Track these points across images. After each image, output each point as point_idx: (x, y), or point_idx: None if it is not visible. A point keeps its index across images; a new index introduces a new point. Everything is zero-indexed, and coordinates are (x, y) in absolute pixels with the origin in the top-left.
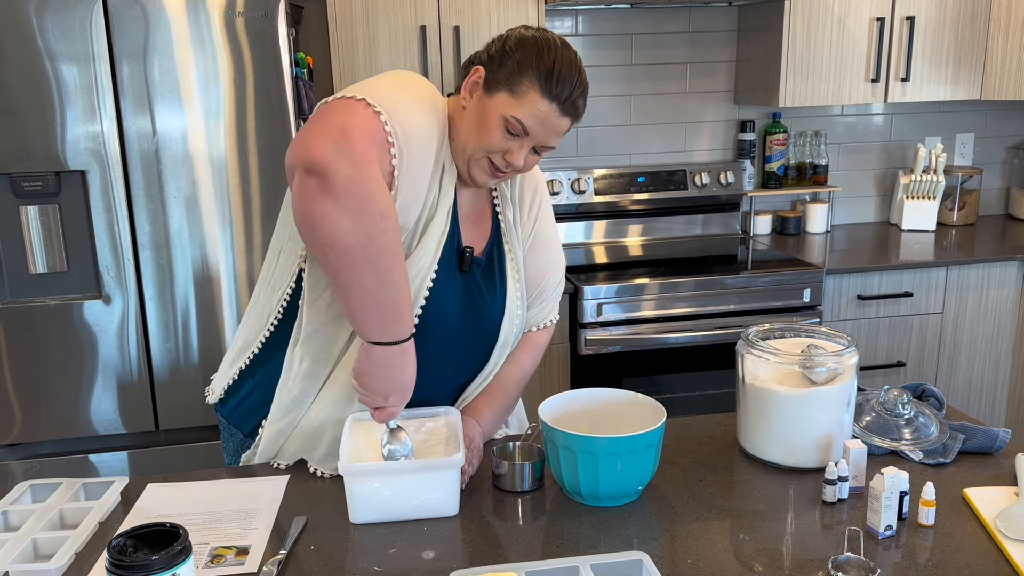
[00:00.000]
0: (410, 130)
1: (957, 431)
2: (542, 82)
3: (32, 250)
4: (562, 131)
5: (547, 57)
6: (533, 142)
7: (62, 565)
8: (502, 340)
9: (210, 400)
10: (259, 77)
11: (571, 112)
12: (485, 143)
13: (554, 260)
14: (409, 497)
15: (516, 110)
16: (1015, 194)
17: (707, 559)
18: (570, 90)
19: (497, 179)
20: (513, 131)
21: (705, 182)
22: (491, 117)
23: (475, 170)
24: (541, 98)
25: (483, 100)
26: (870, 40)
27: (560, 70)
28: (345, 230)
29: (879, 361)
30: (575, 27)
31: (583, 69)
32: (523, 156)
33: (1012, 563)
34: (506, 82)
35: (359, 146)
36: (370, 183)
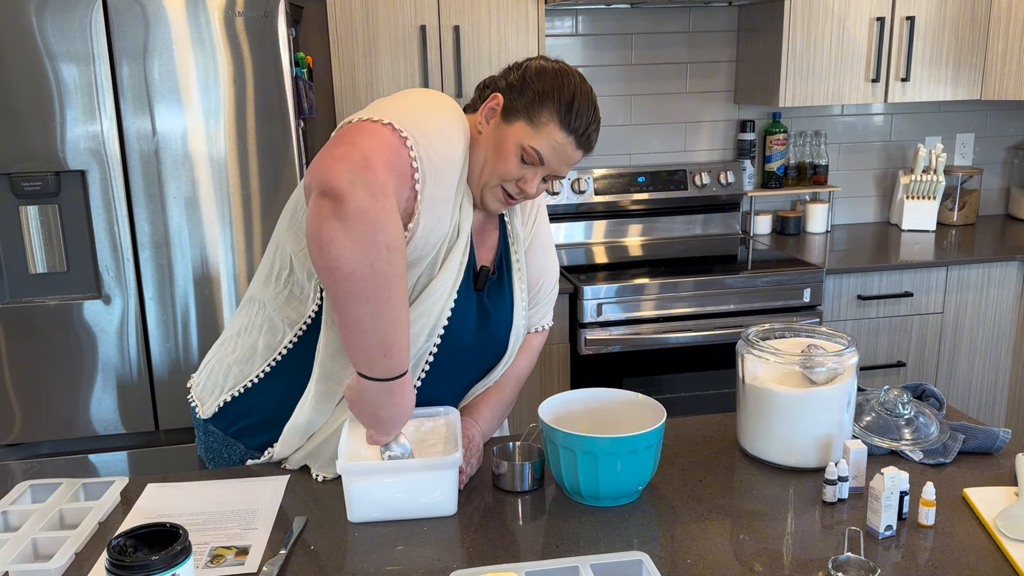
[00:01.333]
0: (435, 156)
1: (957, 431)
2: (562, 114)
3: (32, 250)
4: (574, 162)
5: (567, 90)
6: (547, 171)
7: (62, 565)
8: (510, 350)
9: (202, 414)
10: (259, 77)
11: (585, 145)
12: (501, 171)
13: (550, 263)
14: (408, 496)
15: (534, 140)
16: (1015, 194)
17: (707, 559)
18: (587, 124)
19: (508, 205)
20: (528, 160)
21: (705, 182)
22: (508, 145)
23: (488, 197)
24: (559, 130)
25: (500, 128)
26: (870, 40)
27: (579, 104)
28: (350, 256)
29: (879, 361)
30: (575, 27)
31: (597, 105)
32: (536, 185)
33: (1012, 563)
34: (525, 111)
35: (379, 175)
36: (382, 213)
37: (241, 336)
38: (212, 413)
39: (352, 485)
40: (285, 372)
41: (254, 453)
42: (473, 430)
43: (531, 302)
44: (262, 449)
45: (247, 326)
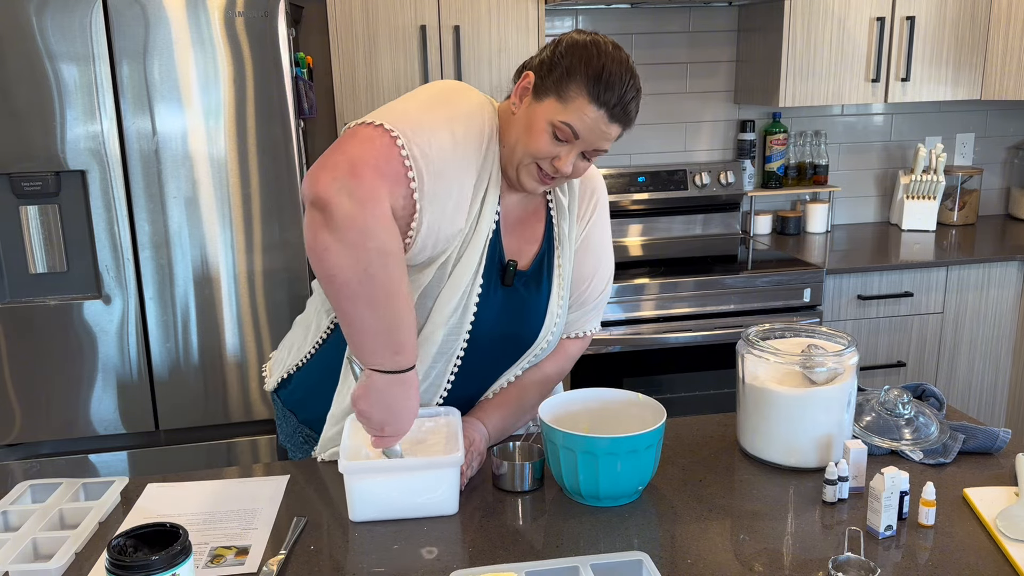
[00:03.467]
0: (432, 152)
1: (957, 431)
2: (590, 87)
3: (32, 250)
4: (612, 137)
5: (596, 62)
6: (582, 147)
7: (62, 565)
8: (533, 348)
9: (267, 387)
10: (259, 77)
11: (621, 118)
12: (533, 149)
13: (602, 266)
14: (408, 495)
15: (564, 115)
16: (1015, 194)
17: (707, 559)
18: (619, 95)
19: (546, 185)
20: (561, 136)
21: (705, 182)
22: (539, 122)
23: (524, 176)
24: (589, 104)
25: (532, 106)
26: (870, 40)
27: (609, 75)
28: (343, 264)
29: (879, 361)
30: (575, 27)
31: (635, 73)
32: (571, 162)
33: (1012, 563)
34: (555, 88)
35: (366, 181)
36: (371, 220)
37: (305, 317)
38: (274, 386)
39: (353, 484)
40: (327, 355)
41: (303, 429)
42: (476, 432)
43: (573, 303)
44: (309, 424)
45: (310, 309)
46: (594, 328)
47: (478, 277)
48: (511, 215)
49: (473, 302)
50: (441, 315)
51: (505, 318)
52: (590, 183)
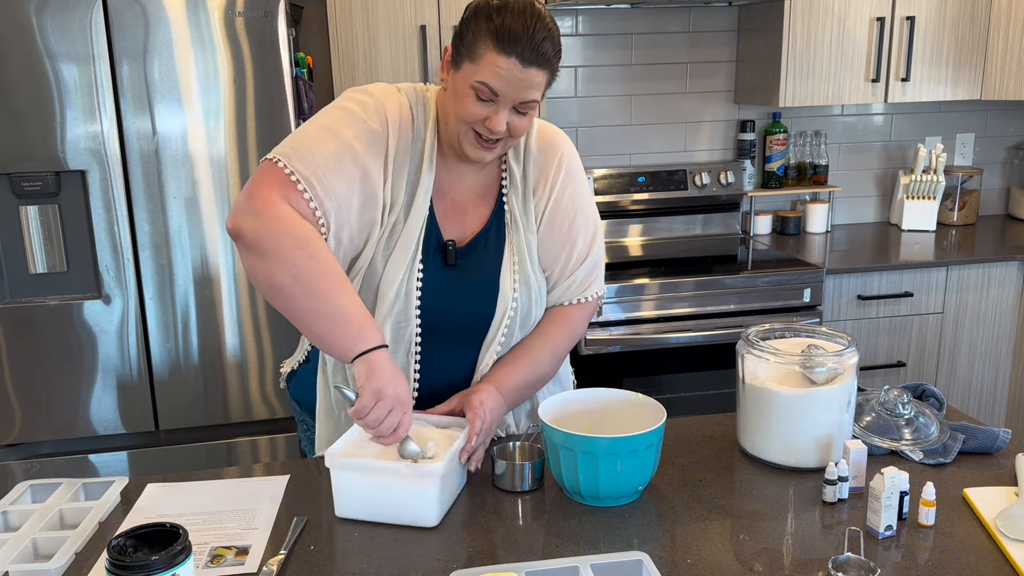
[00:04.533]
0: (315, 158)
1: (957, 431)
2: (494, 40)
3: (32, 250)
4: (535, 83)
5: (496, 15)
6: (509, 103)
7: (62, 565)
8: (496, 326)
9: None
10: (259, 77)
11: (535, 60)
12: (462, 115)
13: (577, 234)
14: (389, 500)
15: (479, 74)
16: (1015, 194)
17: (707, 559)
18: (527, 38)
19: (490, 150)
20: (483, 96)
21: (705, 182)
22: (461, 88)
23: (466, 145)
24: (498, 55)
25: (454, 76)
26: (870, 40)
27: (510, 22)
28: (271, 272)
29: (879, 361)
30: (575, 27)
31: (543, 14)
32: (502, 120)
33: (1012, 563)
34: (467, 51)
35: (257, 197)
36: (274, 222)
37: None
38: (287, 374)
39: (337, 478)
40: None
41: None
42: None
43: (558, 275)
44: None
45: None
46: (596, 293)
47: (416, 261)
48: (457, 197)
49: (415, 286)
50: (385, 302)
51: (455, 299)
52: (553, 150)
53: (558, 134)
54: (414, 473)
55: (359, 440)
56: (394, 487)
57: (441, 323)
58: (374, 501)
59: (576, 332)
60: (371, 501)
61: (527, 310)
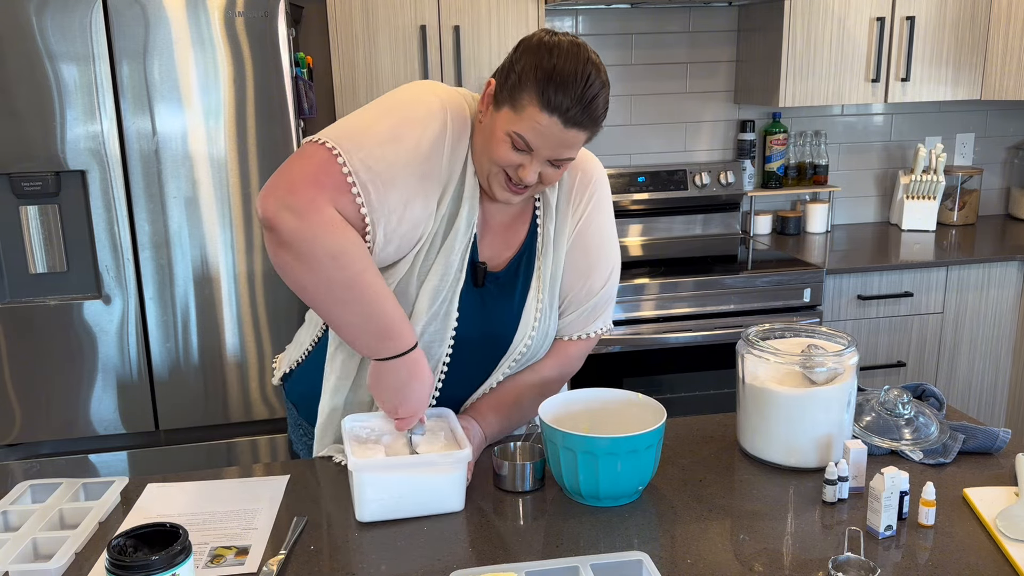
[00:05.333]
0: (377, 164)
1: (957, 431)
2: (540, 94)
3: (32, 250)
4: (575, 143)
5: (546, 64)
6: (544, 157)
7: (62, 565)
8: (511, 351)
9: (273, 380)
10: (259, 77)
11: (578, 122)
12: (495, 158)
13: (596, 265)
14: (416, 492)
15: (517, 126)
16: (1015, 194)
17: (707, 559)
18: (574, 99)
19: (518, 194)
20: (519, 147)
21: (705, 182)
22: (498, 132)
23: (494, 185)
24: (540, 112)
25: (493, 115)
26: (870, 40)
27: (561, 78)
28: (304, 276)
29: (879, 361)
30: (575, 27)
31: (593, 72)
32: (534, 172)
33: (1012, 563)
34: (509, 96)
35: (302, 194)
36: (315, 228)
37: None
38: (279, 377)
39: (363, 482)
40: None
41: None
42: (471, 430)
43: (566, 305)
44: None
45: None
46: (600, 329)
47: (459, 284)
48: (491, 220)
49: (455, 306)
50: (421, 321)
51: (480, 320)
52: (587, 177)
53: (593, 162)
54: (446, 461)
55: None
56: (423, 480)
57: (467, 341)
58: (402, 497)
59: (570, 371)
60: (399, 498)
61: (541, 342)
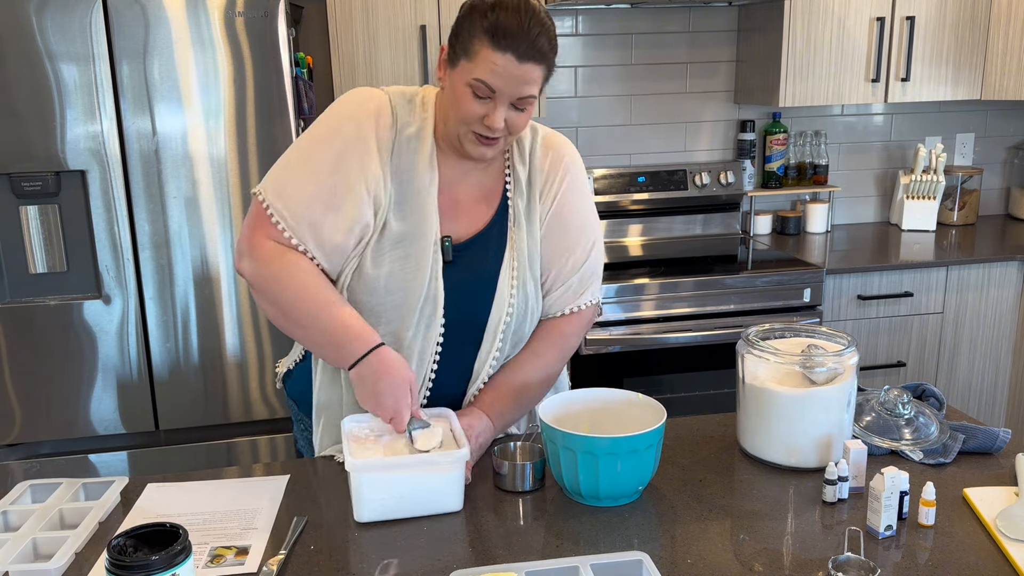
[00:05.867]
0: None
1: (957, 431)
2: (490, 36)
3: (32, 250)
4: (532, 78)
5: (491, 12)
6: (506, 100)
7: (62, 565)
8: (491, 329)
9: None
10: (259, 77)
11: (531, 56)
12: (461, 115)
13: (577, 242)
14: (415, 492)
15: (475, 72)
16: (1015, 194)
17: (707, 559)
18: (522, 34)
19: (490, 146)
20: (481, 94)
21: (705, 182)
22: (459, 88)
23: (467, 144)
24: (493, 52)
25: (451, 75)
26: (870, 40)
27: (505, 18)
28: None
29: (879, 361)
30: (575, 27)
31: (538, 9)
32: (500, 117)
33: (1012, 563)
34: (463, 50)
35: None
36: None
37: None
38: (282, 375)
39: (360, 483)
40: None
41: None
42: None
43: (552, 282)
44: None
45: None
46: (589, 302)
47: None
48: (460, 193)
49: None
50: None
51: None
52: (558, 155)
53: (565, 142)
54: (444, 461)
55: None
56: (421, 479)
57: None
58: (401, 498)
59: (568, 348)
60: (398, 498)
61: (522, 318)
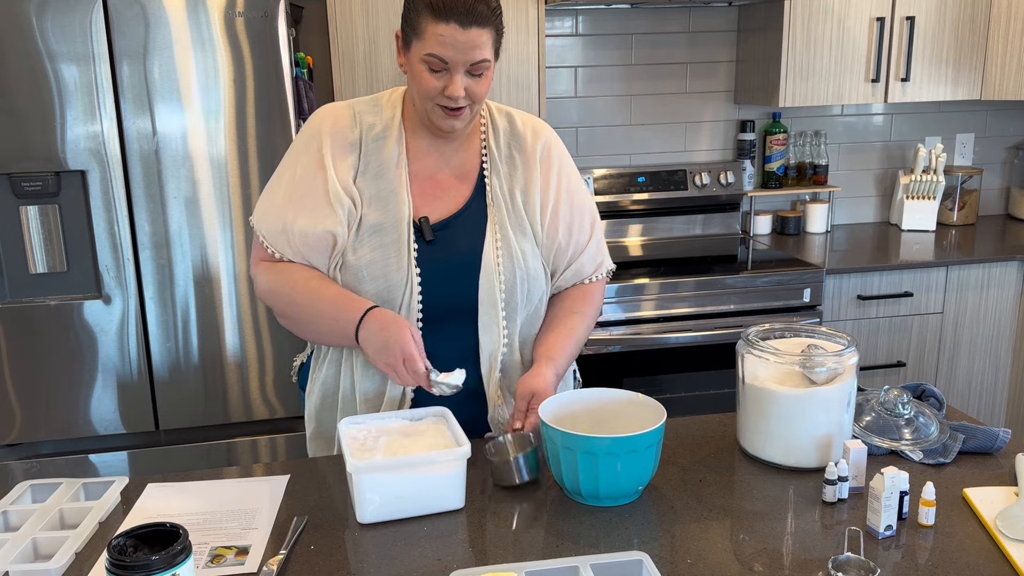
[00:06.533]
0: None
1: (957, 431)
2: (431, 11)
3: (32, 250)
4: (480, 42)
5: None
6: (460, 68)
7: (62, 565)
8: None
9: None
10: (259, 77)
11: (473, 20)
12: (423, 91)
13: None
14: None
15: (426, 47)
16: (1015, 194)
17: (707, 559)
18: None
19: (457, 117)
20: (435, 68)
21: (705, 182)
22: (415, 66)
23: (435, 119)
24: (437, 24)
25: (407, 57)
26: (870, 40)
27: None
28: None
29: (879, 361)
30: (575, 27)
31: None
32: (459, 86)
33: (1012, 563)
34: (412, 30)
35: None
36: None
37: None
38: (296, 368)
39: (361, 484)
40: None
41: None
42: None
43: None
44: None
45: None
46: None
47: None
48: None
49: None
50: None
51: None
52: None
53: (540, 122)
54: (445, 459)
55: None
56: (422, 479)
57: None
58: (402, 498)
59: (599, 305)
60: (399, 498)
61: (512, 285)
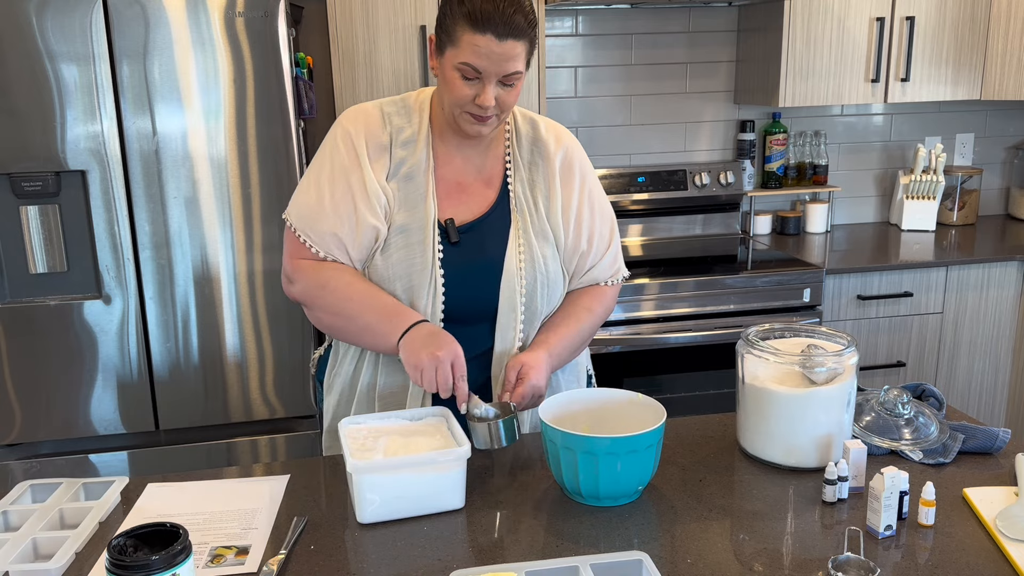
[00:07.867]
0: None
1: (957, 431)
2: (469, 21)
3: (32, 250)
4: (514, 55)
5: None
6: (493, 78)
7: (62, 565)
8: (506, 304)
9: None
10: (259, 77)
11: (510, 33)
12: (454, 98)
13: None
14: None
15: (460, 56)
16: (1015, 194)
17: (707, 559)
18: (498, 14)
19: (485, 123)
20: (469, 76)
21: (705, 182)
22: (448, 72)
23: (464, 125)
24: (474, 34)
25: (440, 62)
26: (870, 40)
27: (481, 2)
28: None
29: (879, 361)
30: (575, 27)
31: None
32: (490, 96)
33: (1012, 563)
34: (447, 37)
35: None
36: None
37: None
38: (314, 360)
39: (361, 484)
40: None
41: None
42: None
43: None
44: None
45: None
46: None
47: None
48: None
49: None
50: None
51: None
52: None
53: (563, 130)
54: (445, 459)
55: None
56: (422, 479)
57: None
58: (402, 498)
59: (611, 307)
60: (400, 498)
61: (533, 290)
